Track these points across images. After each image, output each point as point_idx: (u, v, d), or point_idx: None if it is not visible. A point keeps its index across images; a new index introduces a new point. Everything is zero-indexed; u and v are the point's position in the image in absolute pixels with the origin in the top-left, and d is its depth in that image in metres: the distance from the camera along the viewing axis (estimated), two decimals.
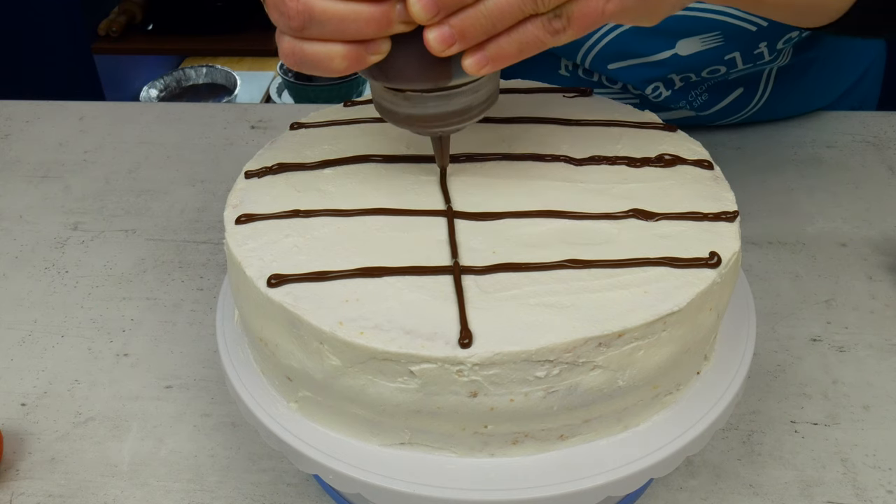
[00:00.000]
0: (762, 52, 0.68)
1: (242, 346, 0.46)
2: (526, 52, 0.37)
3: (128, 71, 1.95)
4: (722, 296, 0.42)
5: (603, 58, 0.70)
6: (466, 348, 0.36)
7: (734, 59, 0.69)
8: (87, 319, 0.63)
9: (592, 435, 0.41)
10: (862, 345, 0.59)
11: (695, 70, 0.70)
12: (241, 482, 0.51)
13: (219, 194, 0.75)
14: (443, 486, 0.39)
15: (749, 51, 0.68)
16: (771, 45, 0.68)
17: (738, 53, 0.68)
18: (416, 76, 0.38)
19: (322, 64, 0.37)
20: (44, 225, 0.72)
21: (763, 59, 0.69)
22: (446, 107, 0.40)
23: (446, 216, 0.43)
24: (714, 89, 0.73)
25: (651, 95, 0.73)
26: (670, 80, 0.71)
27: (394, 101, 0.40)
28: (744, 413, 0.54)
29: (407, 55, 0.37)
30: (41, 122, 0.85)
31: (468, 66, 0.37)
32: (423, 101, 0.40)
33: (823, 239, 0.68)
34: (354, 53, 0.36)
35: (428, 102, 0.40)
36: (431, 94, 0.39)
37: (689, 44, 0.68)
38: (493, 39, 0.36)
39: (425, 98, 0.39)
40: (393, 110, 0.41)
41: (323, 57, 0.36)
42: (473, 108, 0.41)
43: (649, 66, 0.70)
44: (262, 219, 0.44)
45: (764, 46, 0.68)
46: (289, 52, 0.37)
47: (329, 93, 1.97)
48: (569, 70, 0.75)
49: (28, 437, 0.54)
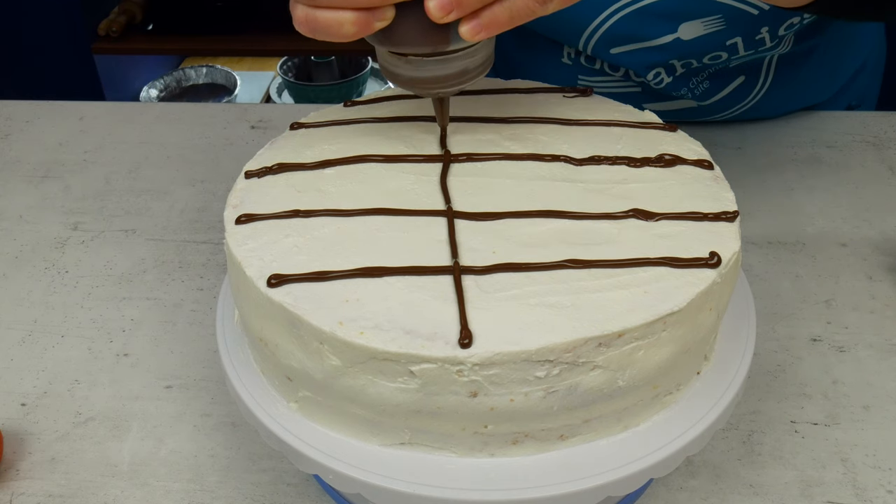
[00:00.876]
0: (764, 38, 0.69)
1: (242, 346, 0.46)
2: (517, 20, 0.40)
3: (128, 71, 1.95)
4: (722, 296, 0.42)
5: (605, 42, 0.70)
6: (466, 348, 0.36)
7: (736, 44, 0.69)
8: (87, 319, 0.63)
9: (592, 435, 0.41)
10: (862, 345, 0.59)
11: (696, 56, 0.70)
12: (241, 482, 0.51)
13: (219, 194, 0.75)
14: (443, 486, 0.39)
15: (751, 36, 0.69)
16: (773, 31, 0.68)
17: (740, 38, 0.69)
18: (417, 41, 0.42)
19: (332, 30, 0.40)
20: (44, 225, 0.72)
21: (764, 45, 0.69)
22: (444, 70, 0.43)
23: (446, 216, 0.43)
24: (715, 77, 0.74)
25: (653, 82, 0.73)
26: (672, 66, 0.72)
27: (397, 65, 0.44)
28: (744, 413, 0.54)
29: (409, 22, 0.41)
30: (41, 122, 0.85)
31: (464, 33, 0.40)
32: (424, 65, 0.43)
33: (823, 239, 0.68)
34: (363, 20, 0.39)
35: (428, 66, 0.43)
36: (431, 59, 0.43)
37: (692, 27, 0.68)
38: (487, 8, 0.40)
39: (425, 62, 0.43)
40: (396, 73, 0.44)
41: (333, 23, 0.40)
42: (470, 72, 0.44)
43: (651, 51, 0.70)
44: (262, 219, 0.44)
45: (766, 32, 0.68)
46: (302, 19, 0.40)
47: (329, 93, 1.97)
48: (571, 58, 0.75)
49: (28, 437, 0.54)
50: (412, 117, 0.51)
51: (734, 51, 0.70)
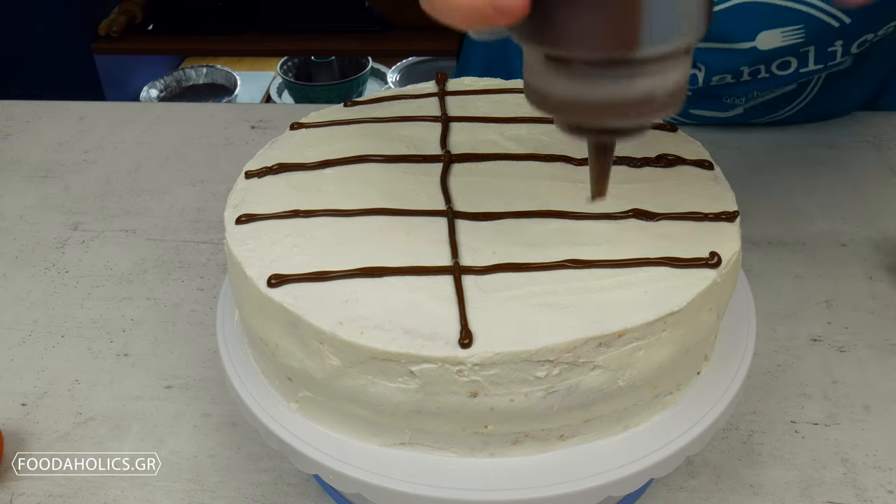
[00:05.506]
0: (836, 52, 0.68)
1: (242, 346, 0.46)
2: None
3: (128, 71, 1.95)
4: (722, 296, 0.42)
5: None
6: (466, 348, 0.36)
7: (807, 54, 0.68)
8: (87, 319, 0.63)
9: (592, 435, 0.41)
10: (862, 345, 0.59)
11: (766, 62, 0.69)
12: (241, 482, 0.51)
13: (219, 194, 0.75)
14: (443, 486, 0.39)
15: (824, 48, 0.67)
16: (846, 46, 0.67)
17: (813, 48, 0.67)
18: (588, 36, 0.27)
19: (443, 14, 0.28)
20: (44, 225, 0.72)
21: (834, 59, 0.68)
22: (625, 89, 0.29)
23: (446, 216, 0.43)
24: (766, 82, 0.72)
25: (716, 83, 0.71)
26: (739, 72, 0.70)
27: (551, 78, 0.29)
28: (744, 413, 0.54)
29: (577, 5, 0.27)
30: (41, 122, 0.85)
31: None
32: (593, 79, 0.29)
33: (823, 239, 0.68)
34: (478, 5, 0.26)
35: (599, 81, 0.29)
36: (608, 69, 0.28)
37: (770, 37, 0.66)
38: None
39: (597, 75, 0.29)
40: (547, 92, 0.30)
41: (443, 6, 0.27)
42: (656, 100, 0.30)
43: (728, 54, 0.69)
44: (262, 219, 0.44)
45: (839, 45, 0.67)
46: None
47: (329, 93, 1.97)
48: None
49: (28, 437, 0.54)
50: (412, 117, 0.51)
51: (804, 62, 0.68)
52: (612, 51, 0.28)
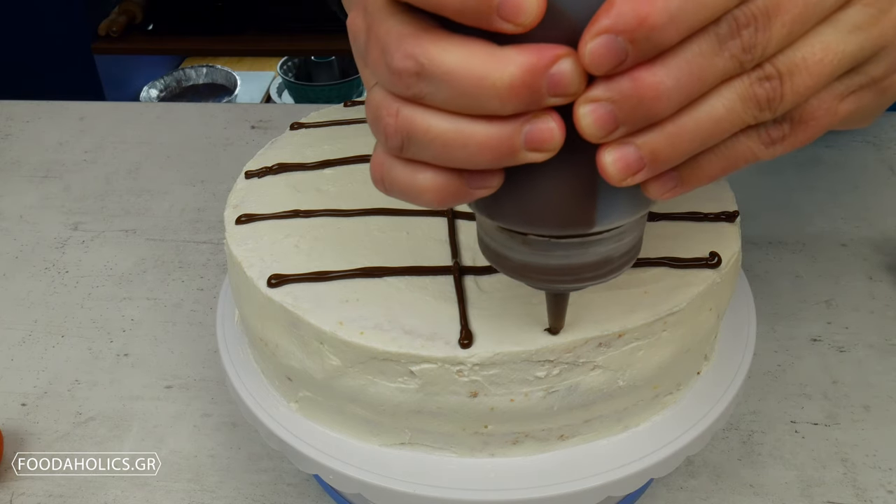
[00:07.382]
0: None
1: (242, 346, 0.46)
2: (730, 169, 0.27)
3: (128, 71, 1.95)
4: (722, 296, 0.42)
5: None
6: (466, 348, 0.36)
7: None
8: (87, 319, 0.63)
9: (592, 435, 0.41)
10: (862, 345, 0.59)
11: None
12: (241, 482, 0.51)
13: (219, 194, 0.75)
14: (443, 486, 0.39)
15: None
16: None
17: None
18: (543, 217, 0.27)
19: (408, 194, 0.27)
20: (44, 225, 0.72)
21: None
22: (580, 257, 0.29)
23: (446, 216, 0.43)
24: None
25: None
26: None
27: (506, 245, 0.30)
28: (744, 413, 0.54)
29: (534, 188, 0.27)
30: (41, 122, 0.85)
31: (652, 191, 0.27)
32: (551, 249, 0.29)
33: (823, 239, 0.68)
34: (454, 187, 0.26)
35: (556, 250, 0.29)
36: (563, 241, 0.29)
37: None
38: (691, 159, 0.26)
39: (553, 245, 0.29)
40: (504, 255, 0.30)
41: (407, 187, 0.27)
42: (613, 261, 0.30)
43: None
44: (262, 219, 0.44)
45: None
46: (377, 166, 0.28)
47: (329, 93, 1.97)
48: None
49: (28, 437, 0.54)
50: None
51: None
52: (568, 229, 0.28)
